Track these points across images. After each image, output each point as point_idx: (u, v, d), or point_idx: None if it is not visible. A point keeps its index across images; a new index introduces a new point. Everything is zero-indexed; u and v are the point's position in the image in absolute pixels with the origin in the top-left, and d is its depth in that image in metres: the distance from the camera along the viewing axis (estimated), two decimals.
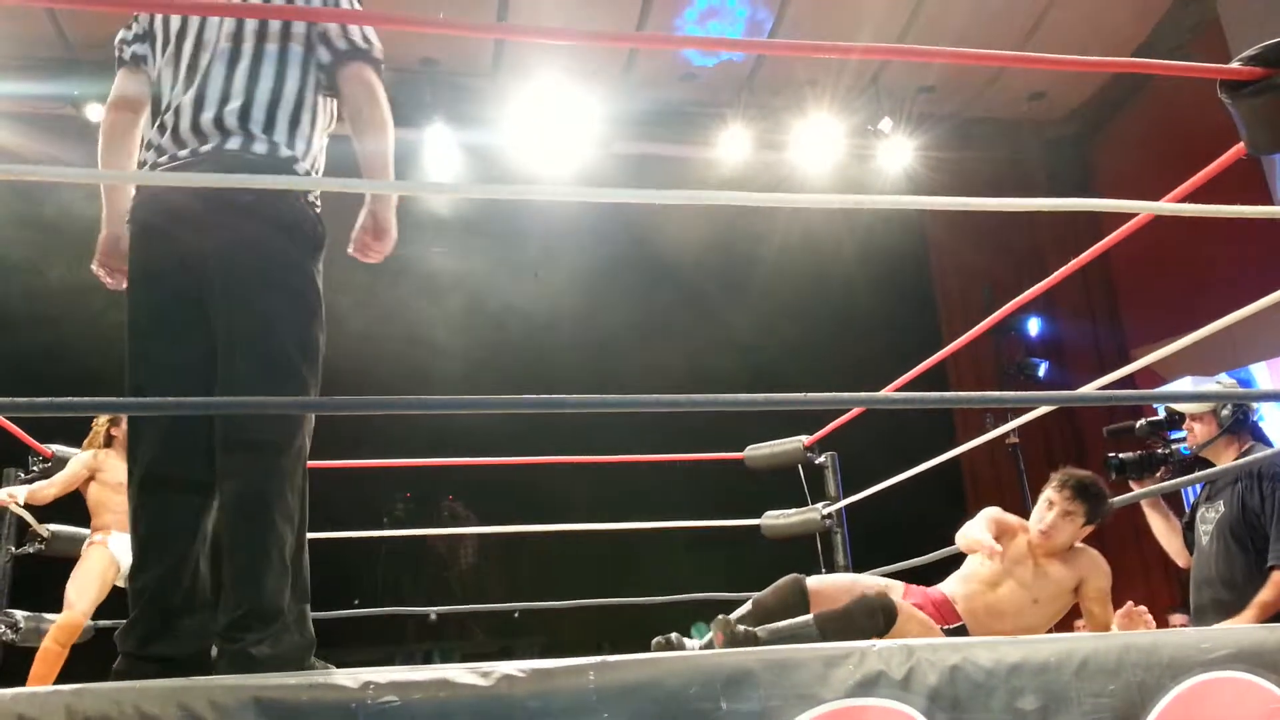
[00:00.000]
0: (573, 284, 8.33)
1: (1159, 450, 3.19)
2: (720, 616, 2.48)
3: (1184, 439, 3.13)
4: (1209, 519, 3.00)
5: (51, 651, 3.65)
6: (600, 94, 8.04)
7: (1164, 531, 3.27)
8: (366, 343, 7.93)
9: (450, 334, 8.03)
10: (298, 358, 1.88)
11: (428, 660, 8.13)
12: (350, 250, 2.09)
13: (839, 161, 8.67)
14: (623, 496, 5.81)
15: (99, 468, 3.98)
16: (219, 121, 1.93)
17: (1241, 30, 8.08)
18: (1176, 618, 6.94)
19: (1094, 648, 1.45)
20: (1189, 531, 3.15)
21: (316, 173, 2.10)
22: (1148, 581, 8.70)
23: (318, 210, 2.03)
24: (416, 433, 6.91)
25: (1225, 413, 2.99)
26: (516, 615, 7.06)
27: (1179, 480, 3.05)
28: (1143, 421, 3.27)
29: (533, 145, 8.02)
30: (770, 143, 8.63)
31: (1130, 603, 2.87)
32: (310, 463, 1.94)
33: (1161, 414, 3.24)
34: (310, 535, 1.90)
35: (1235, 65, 2.19)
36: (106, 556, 3.85)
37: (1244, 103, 2.18)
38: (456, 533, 8.54)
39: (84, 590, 3.75)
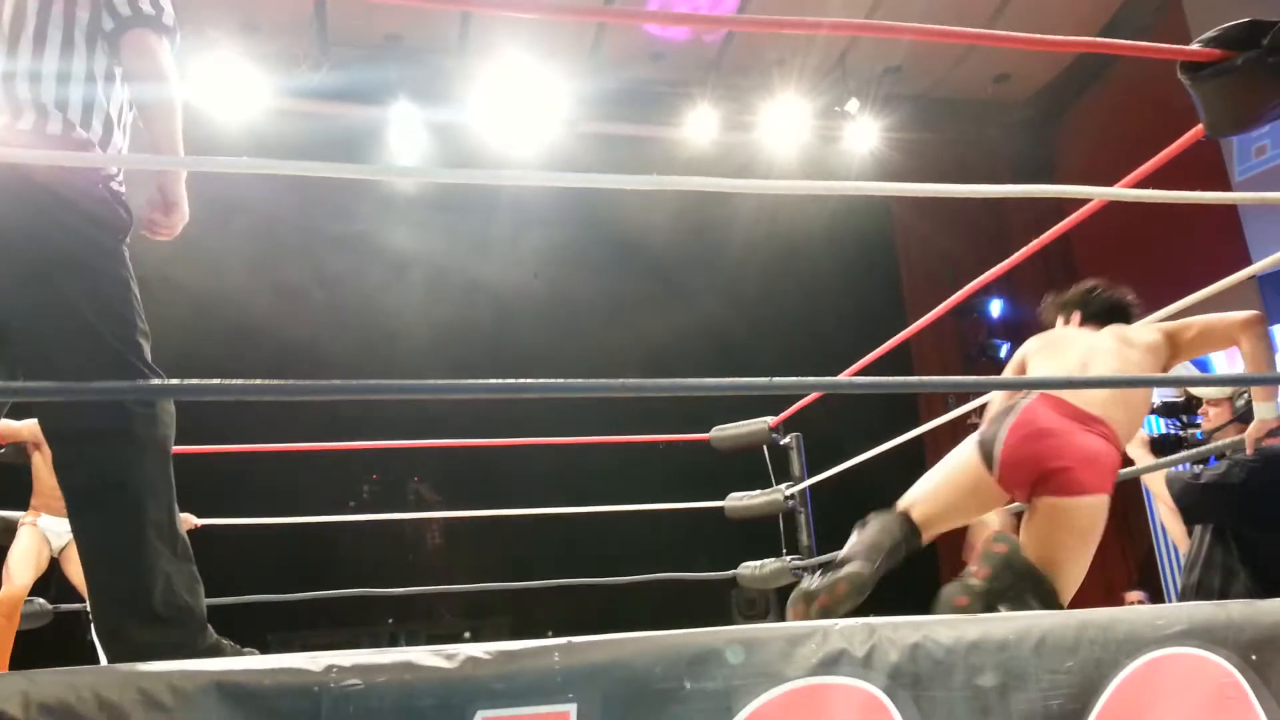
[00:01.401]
0: (539, 263, 8.30)
1: (1174, 433, 3.24)
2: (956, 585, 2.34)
3: (1200, 424, 3.18)
4: None
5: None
6: (567, 72, 7.98)
7: (1168, 514, 3.32)
8: (329, 323, 7.87)
9: (414, 314, 7.98)
10: (113, 343, 1.80)
11: (394, 643, 8.12)
12: (141, 230, 1.98)
13: (806, 142, 8.68)
14: (590, 477, 5.82)
15: (40, 442, 4.05)
16: (11, 98, 1.84)
17: (1202, 14, 8.17)
18: (1132, 595, 7.09)
19: (1052, 625, 1.47)
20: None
21: (121, 150, 2.00)
22: (1104, 562, 8.87)
23: (121, 192, 1.93)
24: (380, 414, 6.86)
25: (1240, 402, 3.04)
26: (467, 637, 7.10)
27: (1176, 457, 3.10)
28: (1160, 402, 3.31)
29: (499, 124, 7.96)
30: (737, 123, 8.62)
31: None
32: (276, 446, 1.91)
33: (1179, 397, 3.29)
34: (276, 520, 1.88)
35: (1195, 47, 2.22)
36: (38, 536, 4.10)
37: (1203, 85, 2.20)
38: (423, 517, 8.52)
39: (22, 565, 3.98)
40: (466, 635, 7.76)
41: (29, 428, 3.98)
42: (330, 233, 7.91)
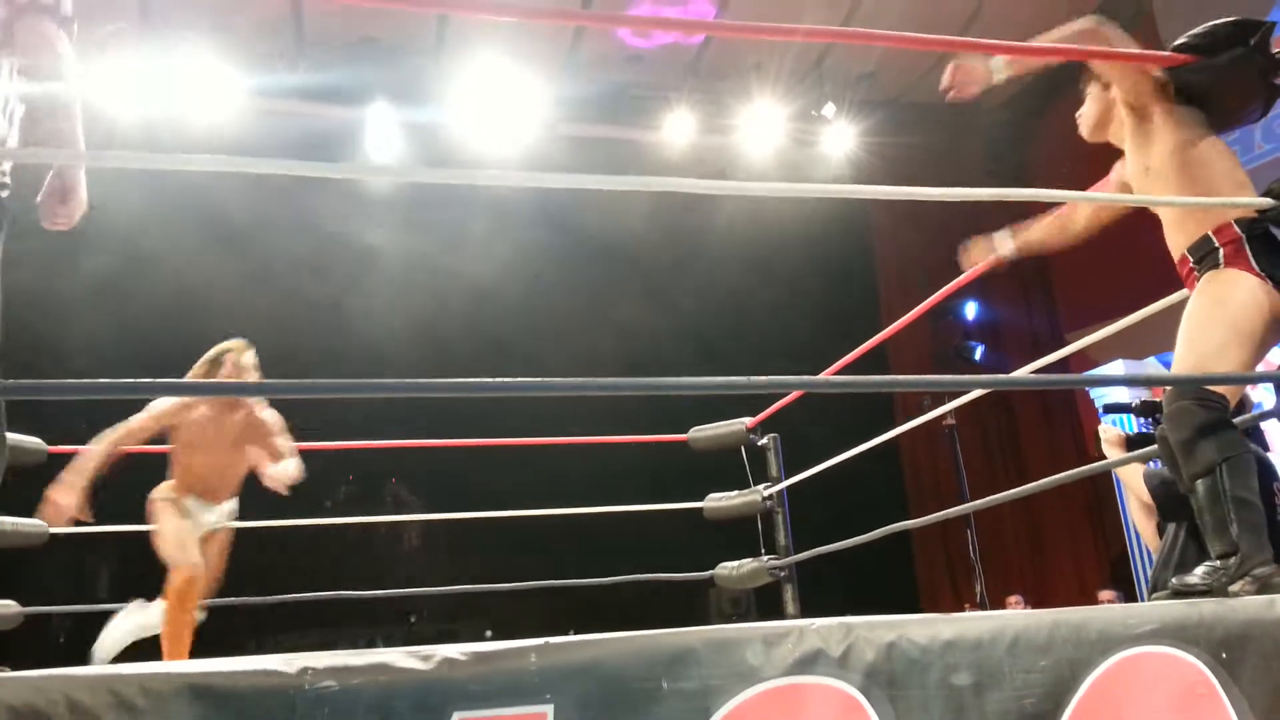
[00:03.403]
0: (517, 263, 8.27)
1: (1149, 431, 3.26)
2: None
3: None
4: None
5: (180, 622, 3.42)
6: (546, 74, 7.98)
7: (1140, 513, 3.36)
8: (305, 322, 7.81)
9: (390, 314, 7.94)
10: None
11: (370, 645, 8.07)
12: (41, 221, 1.93)
13: (783, 146, 8.72)
14: (570, 478, 5.81)
15: (177, 424, 3.61)
16: None
17: (1173, 23, 8.26)
18: (1105, 594, 7.15)
19: (1025, 624, 1.49)
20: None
21: (5, 141, 1.91)
22: (1078, 561, 8.96)
23: (3, 186, 1.88)
24: (357, 414, 6.82)
25: None
26: (489, 635, 7.05)
27: (1147, 451, 3.12)
28: (1138, 400, 3.34)
29: (476, 125, 7.94)
30: (715, 126, 8.65)
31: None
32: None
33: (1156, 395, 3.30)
34: (252, 524, 1.86)
35: (1169, 52, 2.25)
36: (182, 515, 3.57)
37: (1187, 82, 2.25)
38: (399, 520, 8.49)
39: (180, 546, 3.47)
40: (488, 634, 7.59)
41: (158, 415, 3.49)
42: (307, 232, 7.86)
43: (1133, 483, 3.31)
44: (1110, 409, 3.59)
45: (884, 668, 1.44)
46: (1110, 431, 3.32)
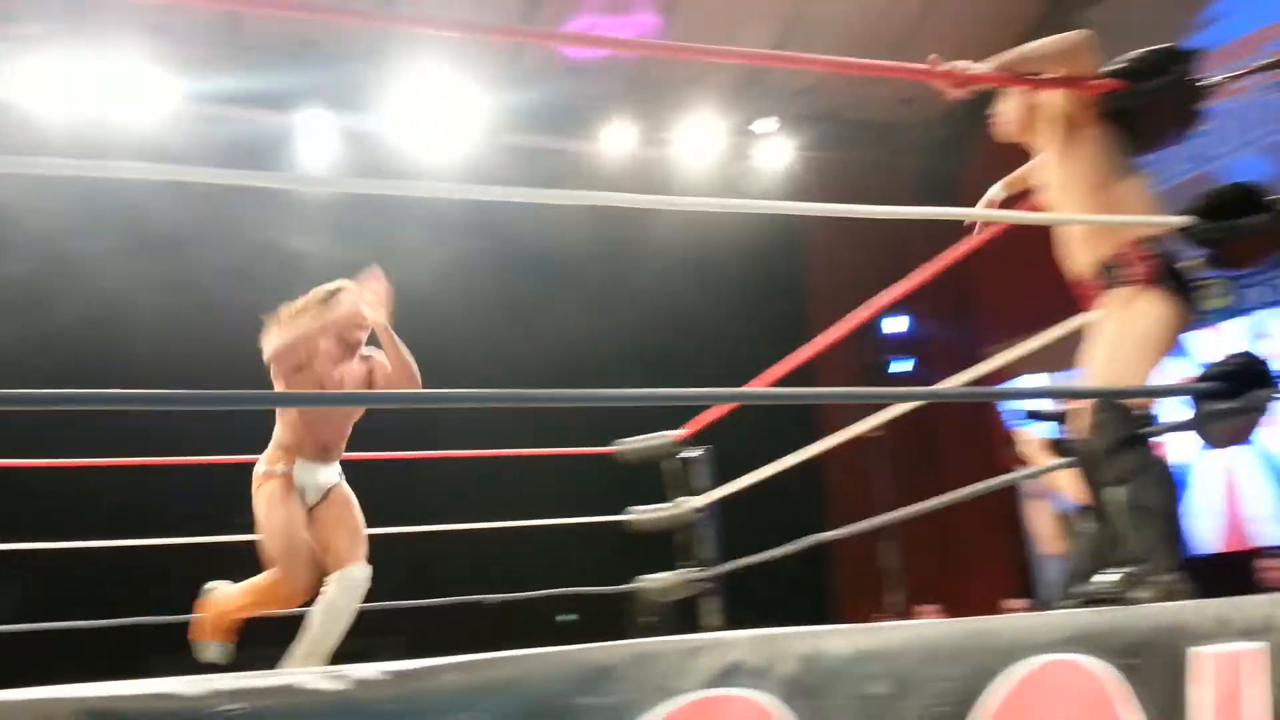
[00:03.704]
0: (451, 272, 8.19)
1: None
2: None
3: None
4: None
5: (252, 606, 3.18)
6: (486, 84, 7.94)
7: (1041, 516, 3.46)
8: (231, 328, 7.63)
9: None
10: None
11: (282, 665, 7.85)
12: None
13: (721, 159, 8.81)
14: (495, 490, 5.75)
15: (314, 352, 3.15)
16: None
17: (1106, 49, 8.50)
18: (1015, 603, 7.31)
19: (940, 634, 1.51)
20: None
21: None
22: (989, 571, 9.16)
23: None
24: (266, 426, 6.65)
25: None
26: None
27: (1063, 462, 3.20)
28: (1058, 409, 3.43)
29: (415, 132, 7.87)
30: (654, 139, 8.71)
31: None
32: (163, 460, 1.84)
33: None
34: (160, 541, 1.80)
35: (1099, 80, 2.33)
36: (290, 489, 3.14)
37: (1116, 105, 2.33)
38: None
39: (286, 541, 3.12)
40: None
41: (339, 319, 3.17)
42: (233, 238, 7.68)
43: (1066, 488, 3.40)
44: (1033, 415, 3.70)
45: (803, 679, 1.45)
46: (1027, 435, 3.42)
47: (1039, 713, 1.44)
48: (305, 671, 1.26)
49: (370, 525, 3.26)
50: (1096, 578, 2.01)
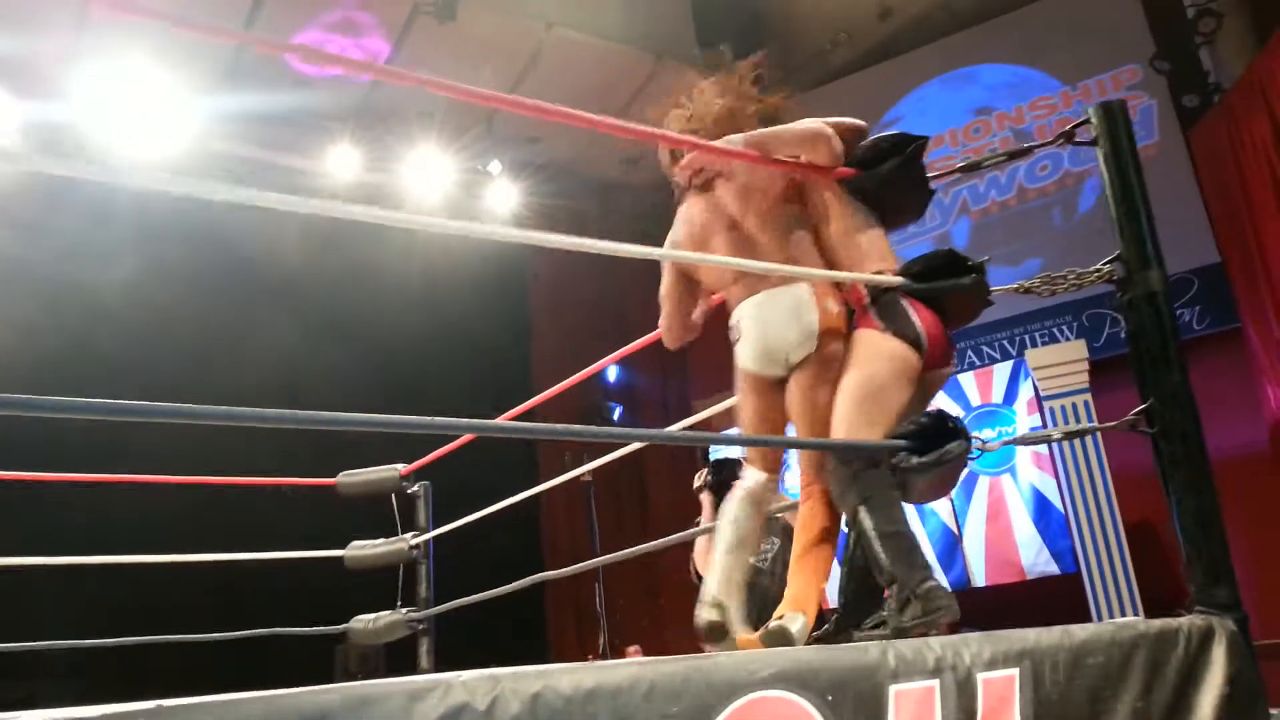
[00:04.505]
0: (148, 281, 7.48)
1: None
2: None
3: None
4: None
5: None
6: (200, 85, 7.40)
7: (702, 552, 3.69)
8: None
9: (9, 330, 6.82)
10: None
11: None
12: None
13: (449, 195, 8.73)
14: (203, 520, 5.30)
15: None
16: None
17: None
18: (709, 646, 7.73)
19: (661, 673, 1.56)
20: None
21: None
22: (689, 611, 9.60)
23: None
24: None
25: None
26: None
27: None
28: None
29: (114, 127, 7.15)
30: (379, 167, 8.49)
31: None
32: None
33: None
34: None
35: (834, 167, 2.55)
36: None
37: (858, 185, 2.55)
38: None
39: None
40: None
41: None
42: None
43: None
44: (718, 463, 3.95)
45: (528, 719, 1.44)
46: (702, 480, 3.69)
47: None
48: None
49: (44, 553, 2.88)
50: (881, 613, 2.13)
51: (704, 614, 2.41)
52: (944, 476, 2.18)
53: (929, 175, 2.52)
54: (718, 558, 2.52)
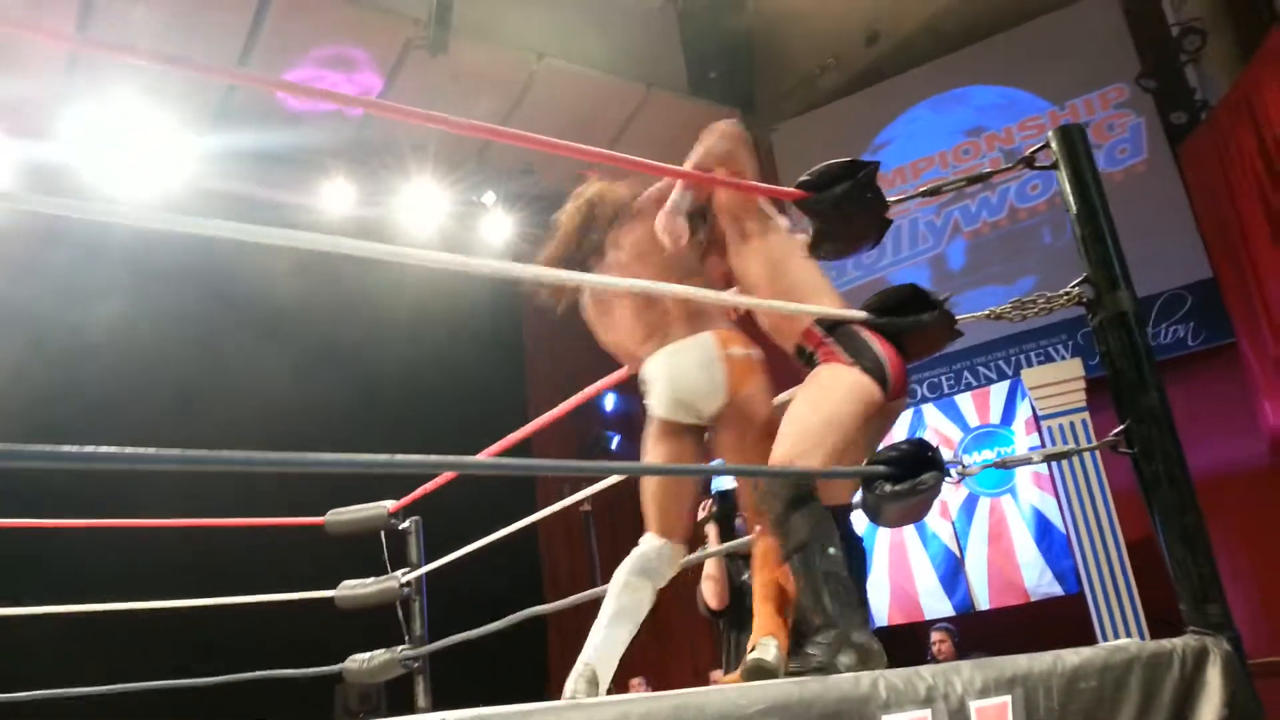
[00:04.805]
0: (138, 319, 7.48)
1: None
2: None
3: None
4: None
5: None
6: (193, 123, 7.46)
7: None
8: None
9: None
10: None
11: None
12: None
13: (443, 227, 8.77)
14: (192, 564, 5.27)
15: None
16: None
17: (789, 162, 9.45)
18: (715, 674, 7.65)
19: (650, 709, 1.54)
20: None
21: None
22: (693, 642, 9.53)
23: None
24: None
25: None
26: None
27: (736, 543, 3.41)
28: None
29: (106, 168, 7.19)
30: (374, 201, 8.53)
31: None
32: None
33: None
34: None
35: (788, 188, 2.55)
36: None
37: (810, 211, 2.55)
38: None
39: None
40: None
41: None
42: None
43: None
44: (720, 495, 3.96)
45: None
46: (707, 508, 3.71)
47: None
48: None
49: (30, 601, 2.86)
50: (811, 647, 2.09)
51: (571, 685, 2.44)
52: (916, 505, 2.16)
53: (888, 200, 2.51)
54: (597, 629, 2.52)
